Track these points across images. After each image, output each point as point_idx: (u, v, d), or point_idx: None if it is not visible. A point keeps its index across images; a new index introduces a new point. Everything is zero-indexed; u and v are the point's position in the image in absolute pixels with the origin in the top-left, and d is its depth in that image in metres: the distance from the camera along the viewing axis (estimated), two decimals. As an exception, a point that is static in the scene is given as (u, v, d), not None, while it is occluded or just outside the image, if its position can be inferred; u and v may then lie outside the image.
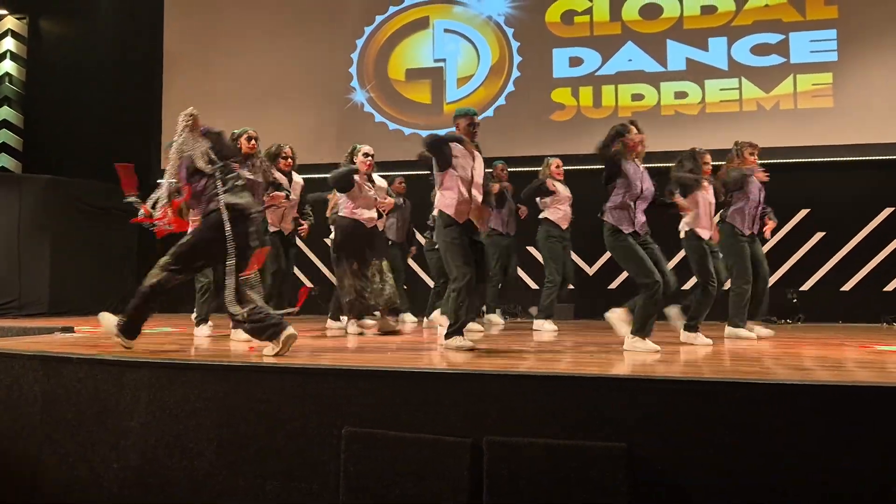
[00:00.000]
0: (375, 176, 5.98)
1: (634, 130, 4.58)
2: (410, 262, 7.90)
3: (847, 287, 7.52)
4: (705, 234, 5.30)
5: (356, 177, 5.72)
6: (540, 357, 4.19)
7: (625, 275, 7.95)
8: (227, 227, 4.00)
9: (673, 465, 2.87)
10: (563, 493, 2.87)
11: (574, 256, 7.17)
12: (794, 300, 7.42)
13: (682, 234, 5.39)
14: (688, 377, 3.24)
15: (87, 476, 3.64)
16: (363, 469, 3.14)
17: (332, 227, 6.01)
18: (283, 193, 5.51)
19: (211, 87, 9.45)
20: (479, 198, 4.63)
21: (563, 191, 6.65)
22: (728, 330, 5.51)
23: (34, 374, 3.87)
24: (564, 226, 6.59)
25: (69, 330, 5.82)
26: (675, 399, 2.95)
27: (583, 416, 3.00)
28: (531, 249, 8.13)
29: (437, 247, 5.10)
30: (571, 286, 6.95)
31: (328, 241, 6.21)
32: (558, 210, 6.57)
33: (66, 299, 8.67)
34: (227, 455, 3.41)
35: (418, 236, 7.72)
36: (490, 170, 6.91)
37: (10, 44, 10.13)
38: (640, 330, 4.32)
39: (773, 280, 7.68)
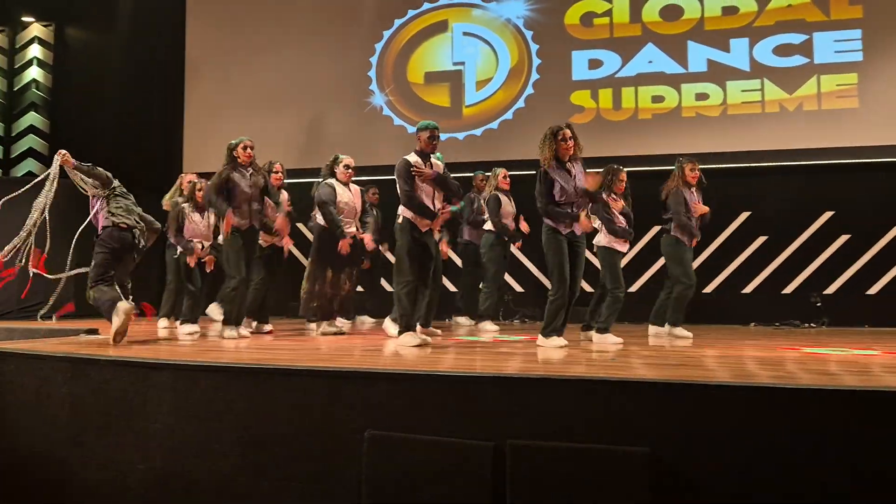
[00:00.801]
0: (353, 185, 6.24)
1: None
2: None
3: (873, 290, 7.43)
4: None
5: (337, 188, 6.00)
6: (561, 360, 4.18)
7: (645, 278, 7.92)
8: (110, 241, 5.38)
9: (696, 471, 2.86)
10: (585, 497, 2.87)
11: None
12: (818, 304, 7.34)
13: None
14: (711, 382, 3.22)
15: (112, 478, 3.69)
16: (385, 472, 3.16)
17: (313, 234, 6.32)
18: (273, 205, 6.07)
19: (232, 92, 9.55)
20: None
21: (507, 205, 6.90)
22: (667, 328, 5.85)
23: (62, 375, 3.93)
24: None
25: (94, 332, 5.90)
26: (699, 403, 2.93)
27: (605, 420, 2.99)
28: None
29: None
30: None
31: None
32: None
33: (91, 308, 8.78)
34: (250, 457, 3.45)
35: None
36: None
37: (36, 51, 10.30)
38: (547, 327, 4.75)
39: (796, 283, 7.63)
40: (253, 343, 5.22)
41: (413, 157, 5.16)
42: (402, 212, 5.04)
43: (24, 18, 10.30)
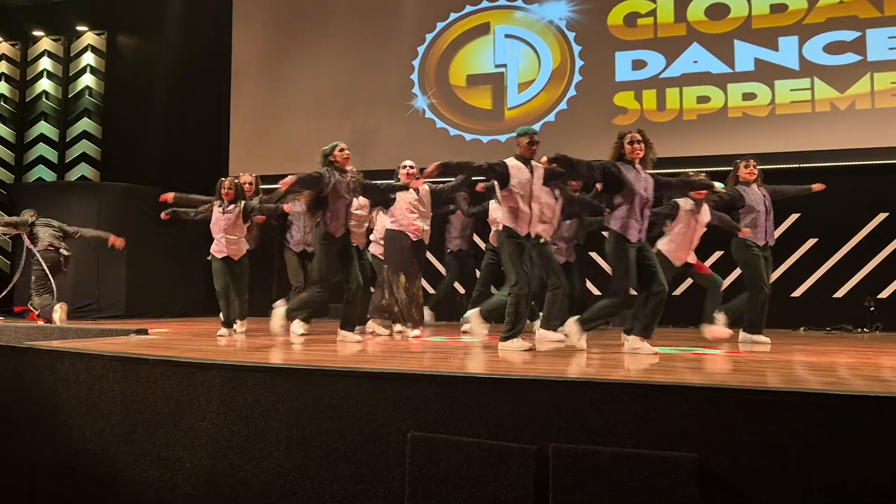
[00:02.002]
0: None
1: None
2: None
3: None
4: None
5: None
6: (605, 363, 4.13)
7: (689, 282, 7.80)
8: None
9: (745, 478, 2.79)
10: (631, 503, 2.82)
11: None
12: (872, 308, 7.11)
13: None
14: (761, 387, 3.14)
15: (161, 475, 3.77)
16: (428, 474, 3.15)
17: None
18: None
19: (277, 97, 9.70)
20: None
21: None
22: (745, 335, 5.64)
23: (114, 374, 4.03)
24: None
25: (143, 332, 6.05)
26: (749, 409, 2.86)
27: (651, 425, 2.94)
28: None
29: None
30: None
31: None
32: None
33: (140, 302, 9.03)
34: (294, 457, 3.48)
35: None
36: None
37: (90, 58, 10.63)
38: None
39: (848, 287, 7.41)
40: (300, 344, 5.28)
41: (512, 161, 4.99)
42: (502, 219, 4.93)
43: (79, 28, 10.63)
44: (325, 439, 3.42)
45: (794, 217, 7.64)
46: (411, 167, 6.19)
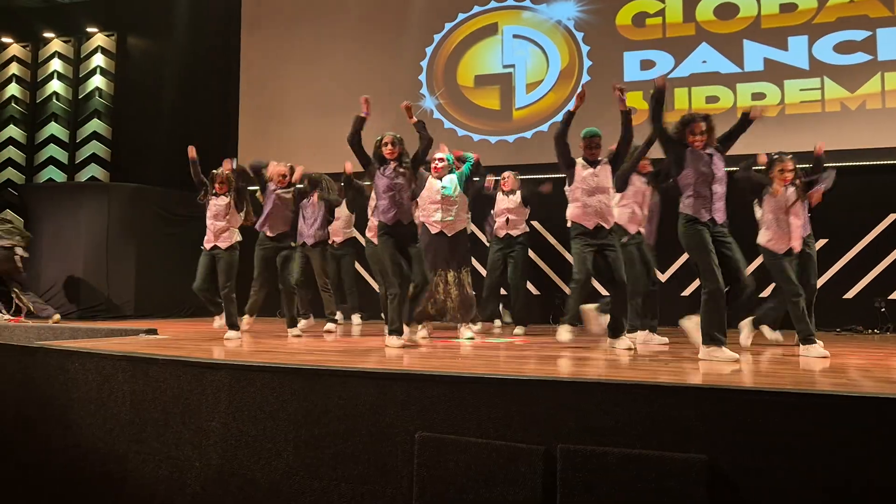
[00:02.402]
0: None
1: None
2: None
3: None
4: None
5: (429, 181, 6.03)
6: (614, 364, 4.13)
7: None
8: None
9: (755, 480, 2.78)
10: (639, 505, 2.81)
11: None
12: (882, 309, 7.07)
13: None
14: (772, 388, 3.13)
15: (170, 474, 3.79)
16: (436, 474, 3.16)
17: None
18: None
19: (284, 98, 9.72)
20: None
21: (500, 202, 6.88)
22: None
23: (123, 374, 4.05)
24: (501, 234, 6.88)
25: (153, 332, 6.08)
26: (758, 410, 2.85)
27: (660, 426, 2.93)
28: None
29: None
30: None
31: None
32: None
33: (150, 302, 9.07)
34: (303, 457, 3.49)
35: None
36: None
37: (100, 60, 10.69)
38: (710, 338, 4.16)
39: (858, 288, 7.36)
40: (309, 345, 5.29)
41: (580, 160, 5.27)
42: (571, 215, 5.08)
43: (89, 29, 10.69)
44: (334, 439, 3.43)
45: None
46: (440, 160, 6.06)
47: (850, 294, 7.42)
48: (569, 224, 5.13)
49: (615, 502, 2.85)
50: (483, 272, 7.41)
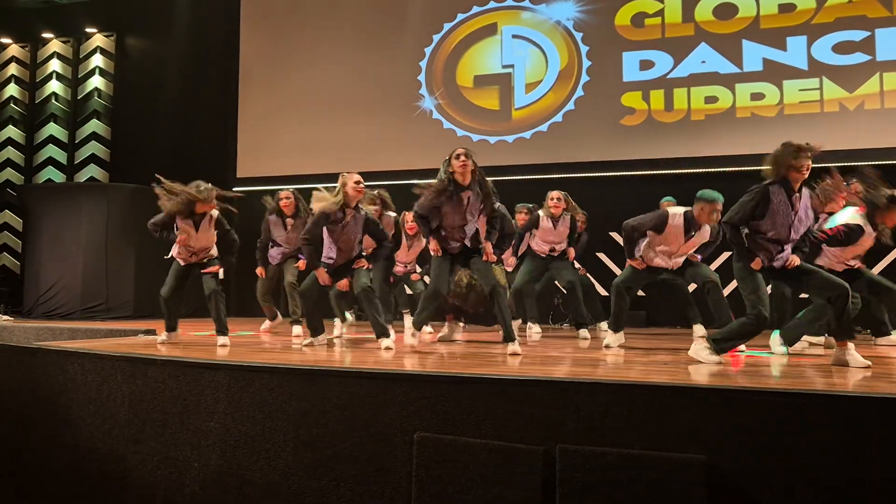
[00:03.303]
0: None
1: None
2: None
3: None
4: None
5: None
6: (613, 365, 4.12)
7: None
8: None
9: (754, 480, 2.78)
10: (638, 505, 2.81)
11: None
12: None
13: None
14: (770, 388, 3.13)
15: (169, 475, 3.79)
16: (434, 474, 3.15)
17: None
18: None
19: (284, 98, 9.73)
20: None
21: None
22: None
23: (122, 374, 4.05)
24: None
25: (151, 332, 6.07)
26: (757, 410, 2.85)
27: (659, 427, 2.93)
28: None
29: None
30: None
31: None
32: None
33: (149, 303, 9.05)
34: (302, 457, 3.49)
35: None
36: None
37: (99, 60, 10.68)
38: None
39: (857, 288, 7.34)
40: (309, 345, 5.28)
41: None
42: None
43: (88, 29, 10.69)
44: (332, 440, 3.43)
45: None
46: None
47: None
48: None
49: (614, 502, 2.85)
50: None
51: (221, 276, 5.48)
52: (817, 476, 2.72)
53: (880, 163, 7.33)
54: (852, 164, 7.39)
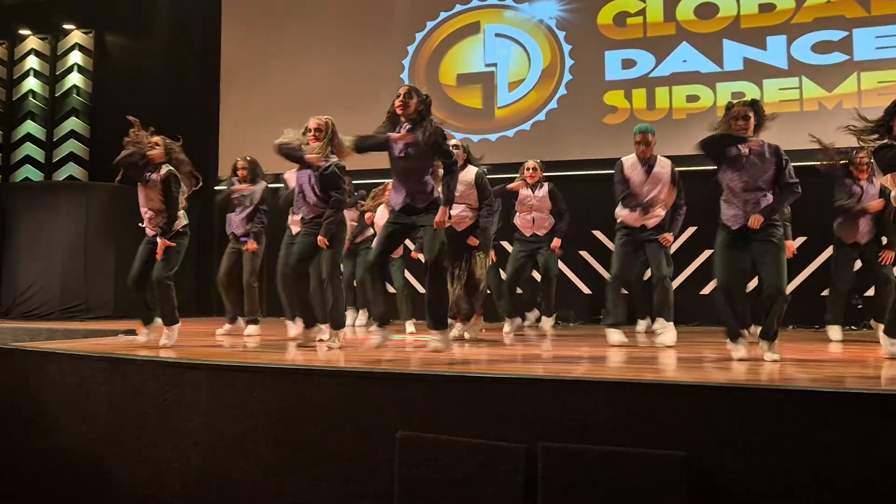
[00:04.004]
0: None
1: None
2: None
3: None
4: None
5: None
6: (594, 362, 4.14)
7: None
8: None
9: (734, 476, 2.80)
10: (619, 501, 2.83)
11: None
12: (859, 306, 7.15)
13: None
14: (749, 384, 3.16)
15: (149, 476, 3.75)
16: (417, 473, 3.15)
17: None
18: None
19: (267, 96, 9.66)
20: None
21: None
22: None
23: (102, 374, 4.01)
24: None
25: (132, 332, 6.01)
26: (737, 407, 2.87)
27: (639, 424, 2.95)
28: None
29: None
30: None
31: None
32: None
33: (129, 302, 8.95)
34: (283, 457, 3.47)
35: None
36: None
37: (77, 57, 10.55)
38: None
39: (836, 285, 7.42)
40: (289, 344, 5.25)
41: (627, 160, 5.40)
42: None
43: (66, 26, 10.56)
44: (314, 439, 3.42)
45: (782, 215, 7.65)
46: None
47: (827, 291, 7.49)
48: None
49: (596, 499, 2.86)
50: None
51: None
52: (795, 471, 2.74)
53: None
54: (831, 162, 7.49)
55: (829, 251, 7.51)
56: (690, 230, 7.52)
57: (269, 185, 6.70)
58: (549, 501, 2.92)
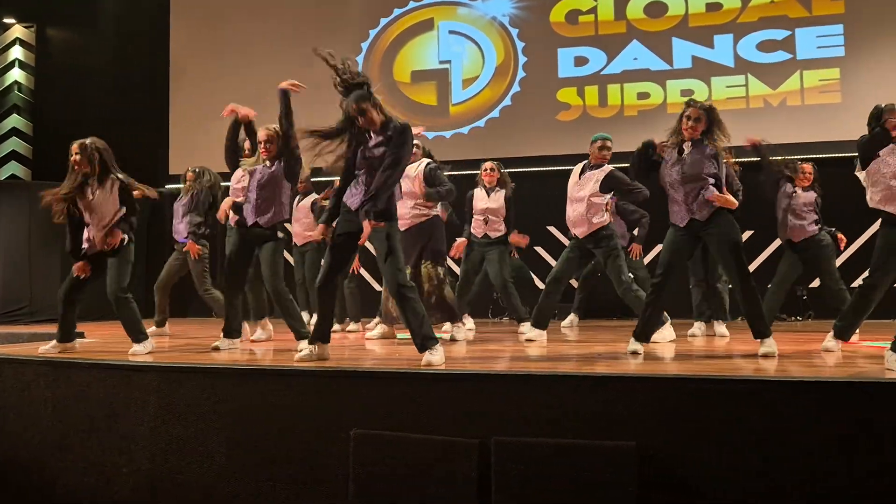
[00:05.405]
0: None
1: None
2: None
3: (856, 284, 7.44)
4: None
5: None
6: (547, 358, 4.18)
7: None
8: None
9: (683, 464, 2.86)
10: (572, 493, 2.87)
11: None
12: (804, 297, 7.38)
13: None
14: (695, 375, 3.23)
15: (97, 482, 3.66)
16: (372, 471, 3.14)
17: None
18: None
19: (217, 92, 9.45)
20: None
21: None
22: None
23: (44, 379, 3.89)
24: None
25: (80, 335, 5.84)
26: (684, 397, 2.93)
27: (591, 416, 2.99)
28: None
29: None
30: None
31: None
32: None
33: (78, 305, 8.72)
34: (237, 458, 3.42)
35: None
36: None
37: (18, 52, 10.21)
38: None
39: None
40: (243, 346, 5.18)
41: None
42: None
43: (6, 20, 10.21)
44: (267, 439, 3.38)
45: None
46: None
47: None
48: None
49: (548, 491, 2.90)
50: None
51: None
52: (746, 460, 2.82)
53: (801, 157, 7.64)
54: (775, 157, 7.68)
55: (773, 245, 7.74)
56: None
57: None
58: (503, 494, 2.95)
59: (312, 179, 6.82)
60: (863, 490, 2.70)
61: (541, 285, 8.17)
